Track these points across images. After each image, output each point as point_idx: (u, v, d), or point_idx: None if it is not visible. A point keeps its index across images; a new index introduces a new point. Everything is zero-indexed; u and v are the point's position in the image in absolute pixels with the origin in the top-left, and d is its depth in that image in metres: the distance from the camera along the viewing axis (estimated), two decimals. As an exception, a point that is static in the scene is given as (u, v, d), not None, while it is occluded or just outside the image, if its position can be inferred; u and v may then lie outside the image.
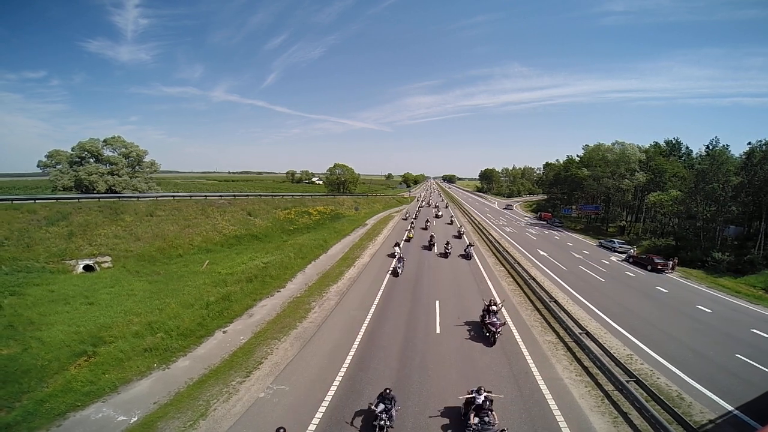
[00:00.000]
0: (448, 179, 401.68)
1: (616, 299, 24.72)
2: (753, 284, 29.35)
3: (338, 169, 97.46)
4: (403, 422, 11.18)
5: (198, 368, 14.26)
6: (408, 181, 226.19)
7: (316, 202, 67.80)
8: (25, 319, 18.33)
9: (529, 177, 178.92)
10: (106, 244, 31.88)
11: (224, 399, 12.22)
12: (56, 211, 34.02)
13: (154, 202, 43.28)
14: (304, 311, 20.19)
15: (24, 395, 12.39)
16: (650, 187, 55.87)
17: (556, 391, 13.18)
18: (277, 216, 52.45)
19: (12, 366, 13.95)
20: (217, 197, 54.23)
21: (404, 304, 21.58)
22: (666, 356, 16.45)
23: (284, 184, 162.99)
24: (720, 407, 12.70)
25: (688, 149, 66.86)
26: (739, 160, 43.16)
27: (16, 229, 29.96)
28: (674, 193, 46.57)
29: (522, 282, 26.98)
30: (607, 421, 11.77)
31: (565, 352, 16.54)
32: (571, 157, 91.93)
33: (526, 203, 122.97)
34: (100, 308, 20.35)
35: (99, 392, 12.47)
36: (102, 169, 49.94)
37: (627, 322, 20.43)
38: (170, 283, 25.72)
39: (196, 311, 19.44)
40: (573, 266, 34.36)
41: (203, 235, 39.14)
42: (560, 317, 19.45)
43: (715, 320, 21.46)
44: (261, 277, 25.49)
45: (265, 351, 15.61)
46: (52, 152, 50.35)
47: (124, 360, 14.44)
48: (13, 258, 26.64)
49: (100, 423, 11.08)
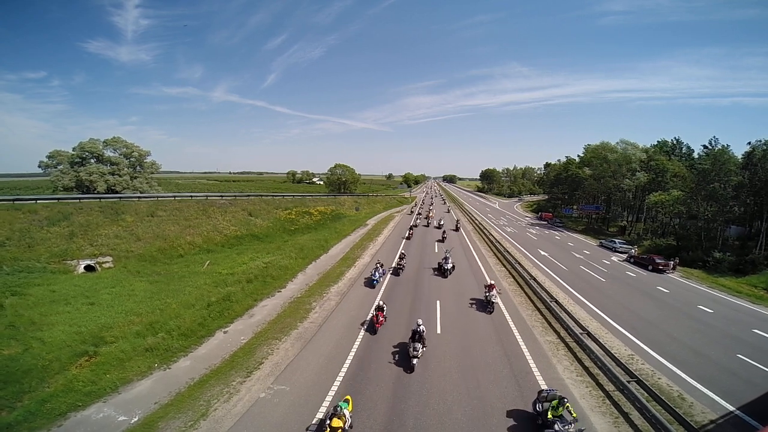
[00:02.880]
0: (448, 179, 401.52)
1: (617, 299, 24.68)
2: (754, 284, 29.28)
3: (339, 169, 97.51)
4: (404, 422, 11.19)
5: (199, 368, 14.28)
6: (408, 181, 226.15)
7: (317, 203, 67.83)
8: (27, 319, 18.36)
9: (530, 177, 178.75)
10: (107, 245, 31.91)
11: (225, 399, 12.24)
12: (57, 211, 34.08)
13: (155, 203, 43.31)
14: (305, 311, 20.20)
15: (25, 395, 12.42)
16: (651, 187, 55.77)
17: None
18: (278, 216, 52.49)
19: (13, 366, 13.99)
20: (218, 197, 54.27)
21: (405, 304, 21.57)
22: (667, 356, 16.43)
23: (285, 184, 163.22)
24: (721, 407, 12.68)
25: (689, 149, 66.75)
26: (740, 160, 43.05)
27: (18, 229, 30.03)
28: (675, 193, 46.50)
29: (523, 282, 26.96)
30: (608, 421, 11.76)
31: (566, 352, 16.52)
32: (571, 158, 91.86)
33: (526, 203, 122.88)
34: (101, 308, 20.39)
35: (100, 392, 12.51)
36: (103, 170, 50.02)
37: (628, 322, 20.41)
38: (171, 283, 25.74)
39: (197, 311, 19.47)
40: (574, 266, 34.31)
41: (204, 235, 39.16)
42: (561, 317, 19.42)
43: (716, 320, 21.41)
44: (262, 277, 25.51)
45: (266, 351, 15.62)
46: (53, 152, 50.46)
47: (125, 360, 14.48)
48: (14, 258, 26.69)
49: (101, 423, 11.11)
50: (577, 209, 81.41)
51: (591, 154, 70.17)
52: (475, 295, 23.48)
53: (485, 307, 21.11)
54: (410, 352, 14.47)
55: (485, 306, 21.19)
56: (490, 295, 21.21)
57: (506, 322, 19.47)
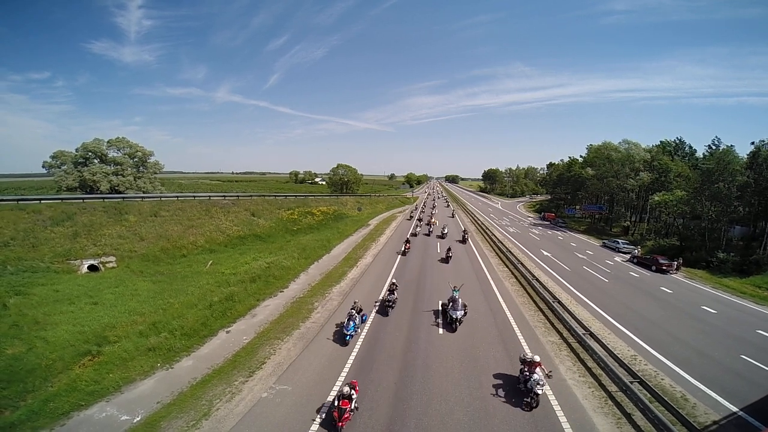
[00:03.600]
0: (451, 179, 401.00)
1: (619, 300, 24.58)
2: (758, 285, 29.07)
3: (341, 169, 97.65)
4: (405, 422, 11.19)
5: (201, 368, 14.33)
6: (411, 181, 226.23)
7: (319, 203, 67.90)
8: (30, 318, 18.49)
9: (533, 177, 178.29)
10: (111, 245, 32.08)
11: (227, 399, 12.27)
12: (61, 211, 34.30)
13: (158, 203, 43.51)
14: (307, 311, 20.22)
15: (29, 394, 12.51)
16: (655, 187, 55.52)
17: (559, 391, 13.13)
18: (280, 216, 52.59)
19: (17, 365, 14.09)
20: (220, 197, 54.45)
21: (407, 304, 21.55)
22: (670, 357, 16.34)
23: (287, 184, 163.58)
24: (724, 408, 12.60)
25: (692, 149, 66.38)
26: (744, 160, 42.78)
27: (22, 229, 30.24)
28: (679, 194, 46.26)
29: (525, 282, 26.89)
30: (611, 422, 11.72)
31: (569, 352, 16.47)
32: (574, 158, 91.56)
33: (529, 204, 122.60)
34: (104, 308, 20.50)
35: (103, 392, 12.57)
36: (106, 170, 50.29)
37: (631, 323, 20.31)
38: (174, 283, 25.85)
39: (199, 311, 19.54)
40: (577, 267, 34.20)
41: (207, 235, 39.29)
42: (564, 318, 19.35)
43: (719, 321, 21.29)
44: (264, 277, 25.57)
45: (268, 351, 15.65)
46: (56, 153, 50.86)
47: (128, 360, 14.54)
48: (18, 258, 26.88)
49: (104, 422, 11.16)
50: (580, 209, 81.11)
51: (594, 153, 69.93)
52: (501, 368, 14.56)
53: (520, 398, 12.41)
54: None
55: (520, 396, 12.42)
56: (532, 379, 12.17)
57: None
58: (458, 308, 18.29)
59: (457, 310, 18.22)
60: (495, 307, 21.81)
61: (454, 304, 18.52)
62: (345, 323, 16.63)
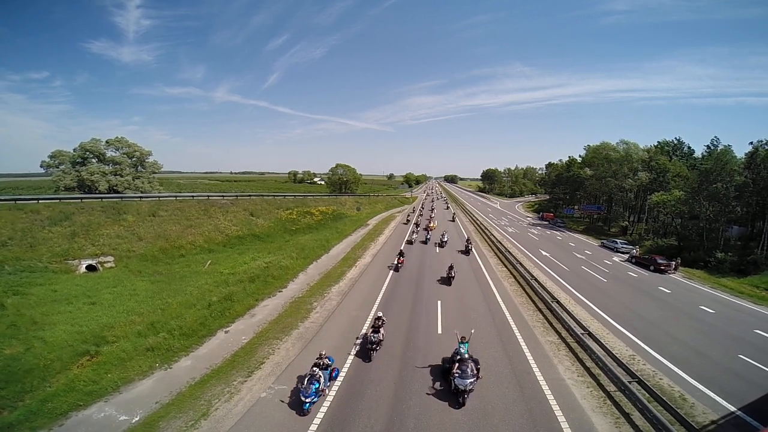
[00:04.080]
0: (449, 179, 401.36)
1: (618, 299, 24.62)
2: (756, 285, 29.16)
3: (340, 169, 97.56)
4: (405, 422, 11.18)
5: (200, 368, 14.30)
6: (410, 181, 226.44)
7: (318, 203, 67.89)
8: (28, 318, 18.42)
9: (532, 177, 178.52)
10: (109, 244, 31.99)
11: (226, 399, 12.25)
12: (59, 211, 34.19)
13: (156, 203, 43.41)
14: (306, 311, 20.20)
15: (27, 394, 12.46)
16: (653, 187, 55.66)
17: (557, 391, 13.15)
18: (279, 216, 52.54)
19: (15, 365, 14.04)
20: (219, 197, 54.39)
21: (406, 304, 21.55)
22: (669, 357, 16.37)
23: (286, 184, 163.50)
24: (723, 408, 12.63)
25: (690, 149, 66.58)
26: (742, 160, 42.93)
27: (20, 229, 30.13)
28: (677, 194, 46.39)
29: (524, 282, 26.92)
30: (609, 421, 11.73)
31: (567, 352, 16.49)
32: (573, 158, 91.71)
33: (528, 204, 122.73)
34: (102, 308, 20.44)
35: (101, 392, 12.53)
36: (104, 169, 50.14)
37: (629, 323, 20.35)
38: (172, 283, 25.80)
39: (198, 311, 19.50)
40: (575, 267, 34.25)
41: (205, 235, 39.22)
42: (562, 317, 19.37)
43: (718, 321, 21.34)
44: (263, 277, 25.53)
45: (267, 351, 15.64)
46: (55, 152, 50.62)
47: (126, 360, 14.50)
48: (16, 258, 26.78)
49: (102, 423, 11.13)
50: (579, 209, 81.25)
51: (592, 154, 70.08)
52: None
53: None
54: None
55: None
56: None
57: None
58: (467, 373, 12.12)
59: (466, 376, 12.06)
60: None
61: (462, 365, 12.38)
62: (304, 385, 11.61)
